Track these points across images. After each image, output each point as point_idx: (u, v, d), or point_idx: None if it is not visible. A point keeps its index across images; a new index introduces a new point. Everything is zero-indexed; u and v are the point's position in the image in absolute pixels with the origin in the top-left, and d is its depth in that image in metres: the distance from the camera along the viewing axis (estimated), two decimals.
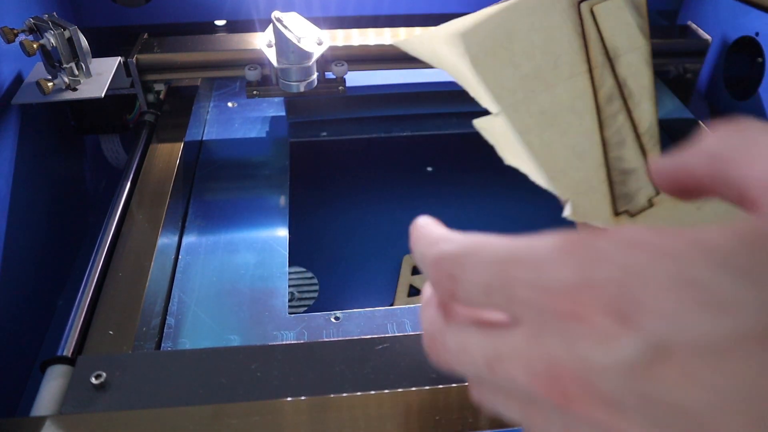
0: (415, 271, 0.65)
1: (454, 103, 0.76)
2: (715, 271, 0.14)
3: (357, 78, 0.71)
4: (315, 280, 0.70)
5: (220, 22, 0.78)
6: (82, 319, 0.43)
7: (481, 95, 0.32)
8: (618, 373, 0.14)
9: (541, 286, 0.15)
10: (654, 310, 0.14)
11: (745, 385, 0.13)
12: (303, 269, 0.71)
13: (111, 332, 0.42)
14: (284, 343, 0.45)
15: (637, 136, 0.32)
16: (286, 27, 0.57)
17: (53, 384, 0.38)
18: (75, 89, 0.56)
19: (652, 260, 0.14)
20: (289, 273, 0.53)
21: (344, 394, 0.35)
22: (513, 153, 0.30)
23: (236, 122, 0.73)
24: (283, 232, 0.57)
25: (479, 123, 0.30)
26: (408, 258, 0.66)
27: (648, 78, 0.32)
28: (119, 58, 0.61)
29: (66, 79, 0.55)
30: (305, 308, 0.67)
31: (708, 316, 0.14)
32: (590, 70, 0.32)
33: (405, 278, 0.64)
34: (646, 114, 0.32)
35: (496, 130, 0.30)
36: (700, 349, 0.14)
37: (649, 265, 0.14)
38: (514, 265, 0.16)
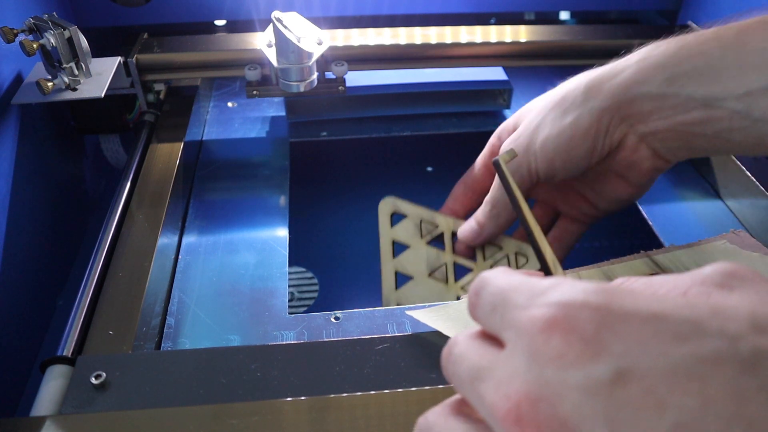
0: (395, 219, 0.51)
1: (454, 103, 0.76)
2: (676, 306, 0.16)
3: (357, 78, 0.71)
4: (315, 280, 0.70)
5: (220, 22, 0.78)
6: (82, 319, 0.43)
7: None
8: (577, 394, 0.16)
9: (531, 307, 0.18)
10: (622, 337, 0.16)
11: (724, 409, 0.14)
12: (303, 269, 0.71)
13: (111, 332, 0.42)
14: (284, 343, 0.45)
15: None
16: (286, 27, 0.57)
17: (53, 384, 0.38)
18: (75, 89, 0.56)
19: (624, 298, 0.17)
20: (289, 273, 0.53)
21: (344, 394, 0.35)
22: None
23: (236, 122, 0.73)
24: (283, 232, 0.57)
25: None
26: (384, 204, 0.50)
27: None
28: (119, 58, 0.61)
29: (66, 79, 0.55)
30: (305, 308, 0.67)
31: (676, 341, 0.15)
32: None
33: (385, 231, 0.50)
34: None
35: None
36: (669, 371, 0.15)
37: (621, 301, 0.17)
38: (513, 291, 0.19)
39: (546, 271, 0.28)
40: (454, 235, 0.48)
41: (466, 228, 0.46)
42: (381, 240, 0.48)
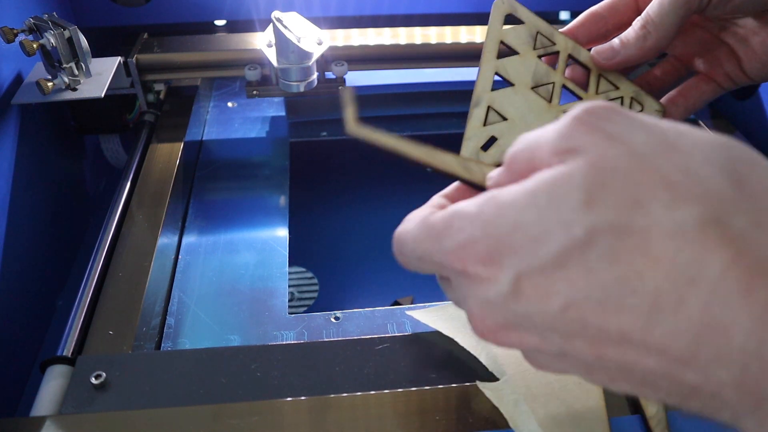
0: (510, 19, 0.45)
1: (454, 103, 0.76)
2: (522, 207, 0.20)
3: (357, 78, 0.71)
4: (315, 280, 0.70)
5: (220, 22, 0.78)
6: (82, 319, 0.43)
7: (490, 360, 0.37)
8: (500, 304, 0.20)
9: (442, 252, 0.22)
10: (506, 253, 0.20)
11: (584, 284, 0.18)
12: (303, 269, 0.71)
13: (111, 332, 0.42)
14: (284, 343, 0.45)
15: (645, 420, 0.35)
16: (286, 27, 0.57)
17: (53, 384, 0.38)
18: (75, 89, 0.56)
19: (497, 214, 0.20)
20: (289, 273, 0.53)
21: (344, 394, 0.35)
22: (520, 418, 0.33)
23: (236, 122, 0.73)
24: (283, 232, 0.57)
25: (485, 387, 0.35)
26: (500, 1, 0.45)
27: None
28: (119, 58, 0.61)
29: (66, 79, 0.55)
30: (305, 308, 0.67)
31: (536, 243, 0.19)
32: None
33: (495, 29, 0.44)
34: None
35: (503, 395, 0.35)
36: (540, 269, 0.19)
37: (497, 218, 0.20)
38: (423, 244, 0.23)
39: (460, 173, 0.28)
40: (569, 59, 0.42)
41: (605, 45, 0.41)
42: (487, 37, 0.43)
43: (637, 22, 0.39)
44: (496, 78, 0.42)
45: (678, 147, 0.19)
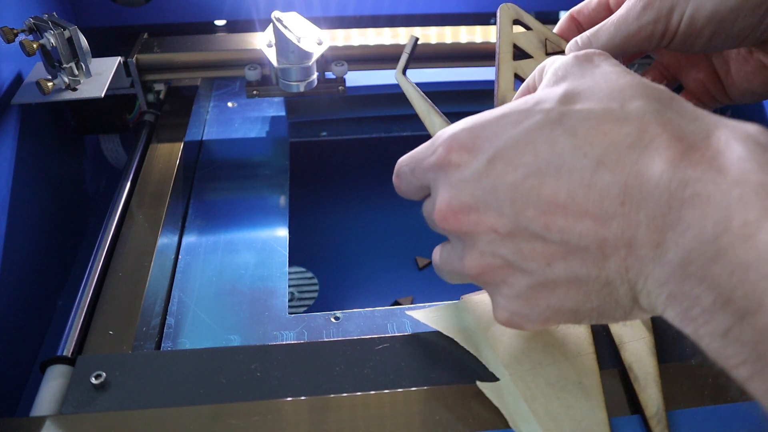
0: (518, 24, 0.47)
1: (453, 103, 0.76)
2: (516, 104, 0.26)
3: (357, 78, 0.71)
4: (315, 280, 0.70)
5: (220, 22, 0.78)
6: (82, 319, 0.43)
7: (490, 360, 0.36)
8: (471, 182, 0.25)
9: (429, 154, 0.27)
10: (485, 136, 0.25)
11: (547, 154, 0.24)
12: (303, 269, 0.71)
13: (111, 332, 0.42)
14: (284, 343, 0.45)
15: (645, 420, 0.33)
16: (286, 27, 0.57)
17: (53, 384, 0.38)
18: (75, 89, 0.56)
19: (489, 113, 0.26)
20: (289, 273, 0.53)
21: (344, 394, 0.35)
22: (520, 418, 0.32)
23: (236, 122, 0.73)
24: (283, 232, 0.57)
25: (485, 387, 0.34)
26: (505, 7, 0.46)
27: (652, 366, 0.35)
28: (119, 58, 0.61)
29: (66, 79, 0.55)
30: (305, 308, 0.67)
31: (516, 125, 0.25)
32: (596, 352, 0.36)
33: (506, 33, 0.46)
34: (653, 399, 0.34)
35: (503, 395, 0.34)
36: (514, 145, 0.25)
37: (488, 114, 0.26)
38: (417, 152, 0.29)
39: None
40: None
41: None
42: (500, 40, 0.45)
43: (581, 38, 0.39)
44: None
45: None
